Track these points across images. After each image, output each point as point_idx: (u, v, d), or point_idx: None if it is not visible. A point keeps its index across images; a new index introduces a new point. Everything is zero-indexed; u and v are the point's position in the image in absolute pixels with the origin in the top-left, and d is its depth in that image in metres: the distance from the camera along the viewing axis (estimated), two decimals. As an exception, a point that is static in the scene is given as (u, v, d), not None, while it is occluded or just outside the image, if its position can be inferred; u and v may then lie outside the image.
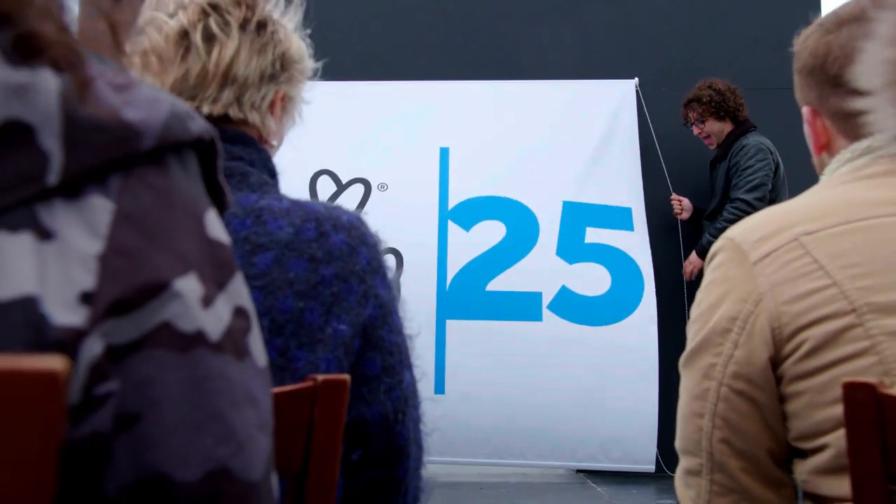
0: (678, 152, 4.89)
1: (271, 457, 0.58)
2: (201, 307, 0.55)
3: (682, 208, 4.82)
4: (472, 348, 4.43)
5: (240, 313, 0.58)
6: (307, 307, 1.15)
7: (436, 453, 1.34)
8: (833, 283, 1.04)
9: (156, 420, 0.52)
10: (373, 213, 1.29)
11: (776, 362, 1.08)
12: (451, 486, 4.37)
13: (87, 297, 0.50)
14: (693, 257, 4.69)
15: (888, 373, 0.99)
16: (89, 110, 0.52)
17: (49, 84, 0.51)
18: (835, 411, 1.00)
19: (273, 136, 1.30)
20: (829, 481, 1.04)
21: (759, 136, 4.63)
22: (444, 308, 4.50)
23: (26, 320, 0.48)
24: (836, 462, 1.02)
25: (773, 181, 4.55)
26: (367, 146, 4.70)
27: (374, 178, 4.68)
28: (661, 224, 4.85)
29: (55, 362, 0.42)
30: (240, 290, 0.59)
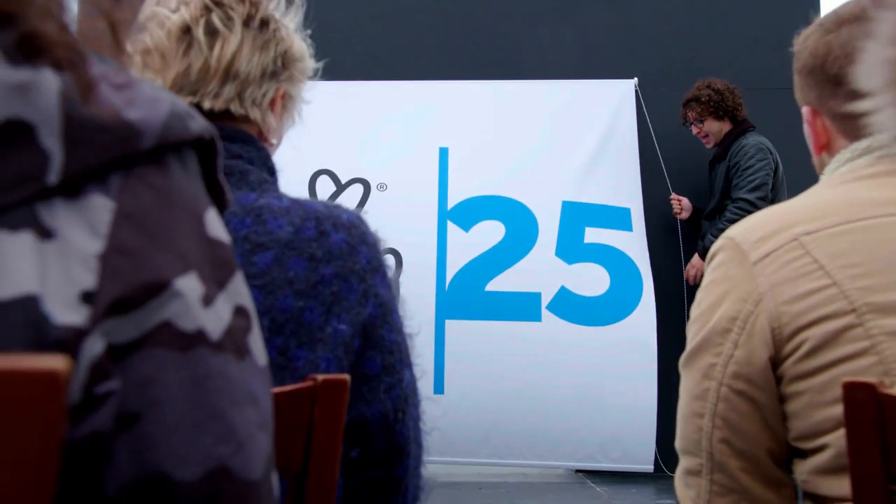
0: (677, 152, 4.89)
1: (271, 456, 0.58)
2: (202, 306, 0.55)
3: (682, 208, 4.82)
4: (472, 348, 4.43)
5: (240, 312, 0.58)
6: (307, 306, 1.15)
7: (435, 453, 1.34)
8: (833, 282, 1.04)
9: (156, 419, 0.52)
10: (372, 213, 1.29)
11: (776, 362, 1.07)
12: (451, 486, 4.37)
13: (87, 297, 0.50)
14: (695, 260, 4.67)
15: (888, 373, 0.99)
16: (90, 110, 0.52)
17: (49, 83, 0.51)
18: (835, 411, 1.00)
19: (273, 133, 1.30)
20: (829, 481, 1.04)
21: (758, 136, 4.62)
22: (444, 308, 4.50)
23: (27, 319, 0.48)
24: (836, 462, 1.02)
25: (773, 181, 4.55)
26: (366, 146, 4.69)
27: (374, 179, 4.67)
28: (661, 224, 4.85)
29: (56, 362, 0.42)
30: (240, 290, 0.59)
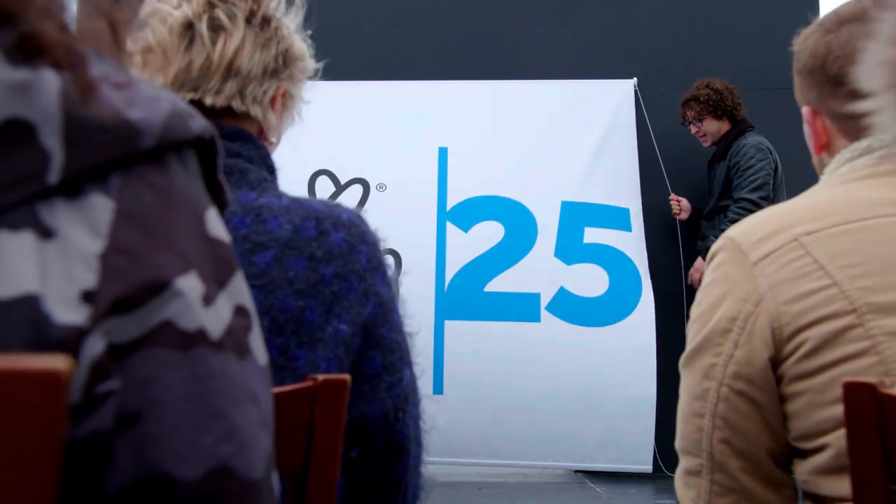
0: (676, 152, 4.89)
1: (272, 455, 0.58)
2: (202, 306, 0.55)
3: (681, 208, 4.82)
4: (471, 349, 4.43)
5: (240, 312, 0.58)
6: (307, 306, 1.14)
7: (434, 454, 1.34)
8: (833, 283, 1.04)
9: (157, 419, 0.52)
10: (371, 213, 1.28)
11: (776, 362, 1.07)
12: (451, 486, 4.37)
13: (88, 296, 0.50)
14: (699, 263, 4.64)
15: (888, 373, 0.99)
16: (91, 109, 0.52)
17: (50, 83, 0.51)
18: (835, 411, 1.00)
19: (273, 132, 1.30)
20: (830, 481, 1.04)
21: (757, 136, 4.62)
22: (443, 309, 4.50)
23: (28, 319, 0.48)
24: (837, 462, 1.02)
25: (773, 181, 4.55)
26: (366, 146, 4.69)
27: (373, 179, 4.67)
28: (660, 224, 4.85)
29: (58, 362, 0.42)
30: (240, 289, 0.59)
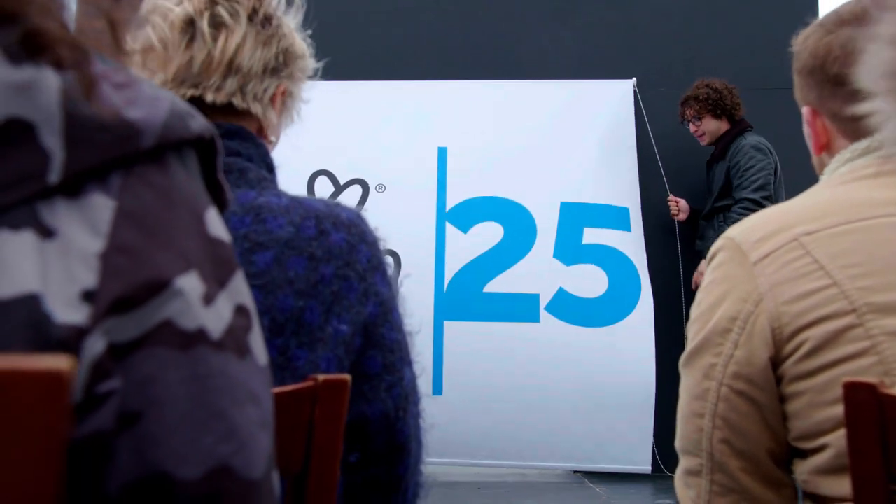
0: (675, 152, 4.89)
1: (272, 455, 0.58)
2: (202, 305, 0.55)
3: (679, 209, 4.82)
4: (470, 350, 4.43)
5: (241, 311, 0.58)
6: (307, 306, 1.14)
7: (434, 455, 1.34)
8: (833, 283, 1.04)
9: (157, 418, 0.52)
10: (370, 214, 1.28)
11: (776, 362, 1.07)
12: (450, 486, 4.37)
13: (88, 296, 0.50)
14: (702, 266, 4.64)
15: (888, 373, 0.99)
16: (91, 109, 0.52)
17: (50, 82, 0.51)
18: (835, 411, 1.00)
19: (272, 130, 1.30)
20: (830, 481, 1.04)
21: (757, 136, 4.62)
22: (442, 309, 4.50)
23: (28, 318, 0.48)
24: (837, 462, 1.02)
25: (773, 181, 4.55)
26: (365, 146, 4.68)
27: (373, 179, 4.66)
28: (658, 225, 4.84)
29: (61, 362, 0.42)
30: (241, 289, 0.59)
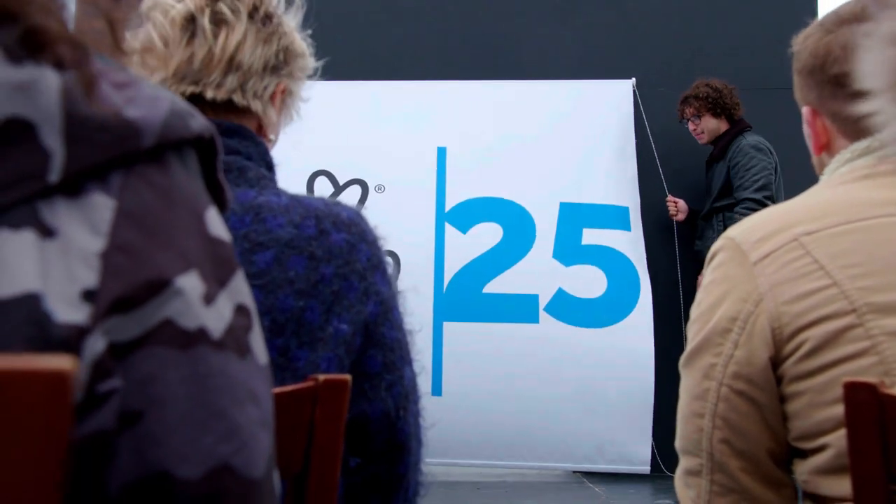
0: (674, 152, 4.89)
1: (273, 454, 0.58)
2: (203, 305, 0.55)
3: (678, 209, 4.82)
4: (469, 350, 4.43)
5: (241, 311, 0.58)
6: (307, 306, 1.14)
7: (433, 455, 1.34)
8: (833, 283, 1.04)
9: (158, 418, 0.52)
10: (370, 214, 1.28)
11: (776, 362, 1.07)
12: (449, 486, 4.37)
13: (89, 295, 0.50)
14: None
15: (888, 373, 0.99)
16: (91, 108, 0.52)
17: (50, 81, 0.51)
18: (835, 411, 1.00)
19: (272, 129, 1.30)
20: (830, 481, 1.04)
21: (756, 136, 4.62)
22: (441, 310, 4.50)
23: (29, 318, 0.48)
24: (837, 462, 1.02)
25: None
26: (365, 146, 4.68)
27: (372, 180, 4.66)
28: (657, 225, 4.85)
29: (63, 362, 0.41)
30: (241, 288, 0.59)
